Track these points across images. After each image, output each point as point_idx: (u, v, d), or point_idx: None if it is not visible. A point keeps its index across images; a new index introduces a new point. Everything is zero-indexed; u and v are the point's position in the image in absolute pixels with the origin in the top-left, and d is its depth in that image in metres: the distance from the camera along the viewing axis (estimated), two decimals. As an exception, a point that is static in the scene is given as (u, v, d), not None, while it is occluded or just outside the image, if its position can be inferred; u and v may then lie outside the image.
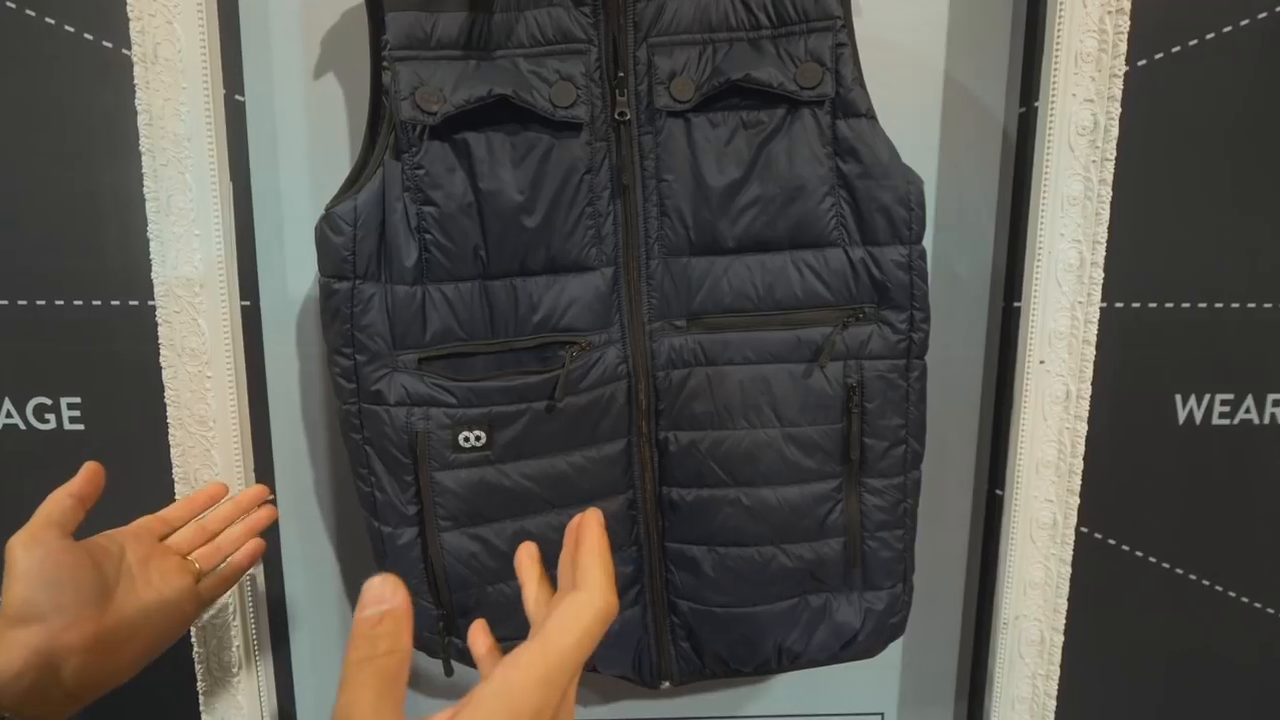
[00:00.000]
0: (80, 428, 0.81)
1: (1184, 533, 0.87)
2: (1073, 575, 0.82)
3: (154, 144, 0.72)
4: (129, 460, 0.82)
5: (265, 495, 0.74)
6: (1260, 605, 0.89)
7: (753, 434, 0.73)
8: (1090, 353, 0.77)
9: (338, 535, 0.88)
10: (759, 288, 0.72)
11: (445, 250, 0.69)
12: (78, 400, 0.81)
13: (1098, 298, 0.76)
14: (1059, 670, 0.84)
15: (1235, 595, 0.88)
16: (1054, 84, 0.73)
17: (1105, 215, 0.74)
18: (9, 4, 0.74)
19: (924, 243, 0.71)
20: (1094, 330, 0.76)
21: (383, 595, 0.38)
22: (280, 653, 0.90)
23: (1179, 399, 0.84)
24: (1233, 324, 0.82)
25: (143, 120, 0.72)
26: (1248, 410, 0.84)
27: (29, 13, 0.74)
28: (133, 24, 0.70)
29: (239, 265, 0.78)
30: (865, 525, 0.75)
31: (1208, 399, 0.84)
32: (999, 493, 0.86)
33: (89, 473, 0.61)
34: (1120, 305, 0.82)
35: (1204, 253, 0.81)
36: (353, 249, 0.67)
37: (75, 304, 0.79)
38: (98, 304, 0.79)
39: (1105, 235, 0.75)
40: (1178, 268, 0.81)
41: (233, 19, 0.76)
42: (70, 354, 0.80)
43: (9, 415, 0.81)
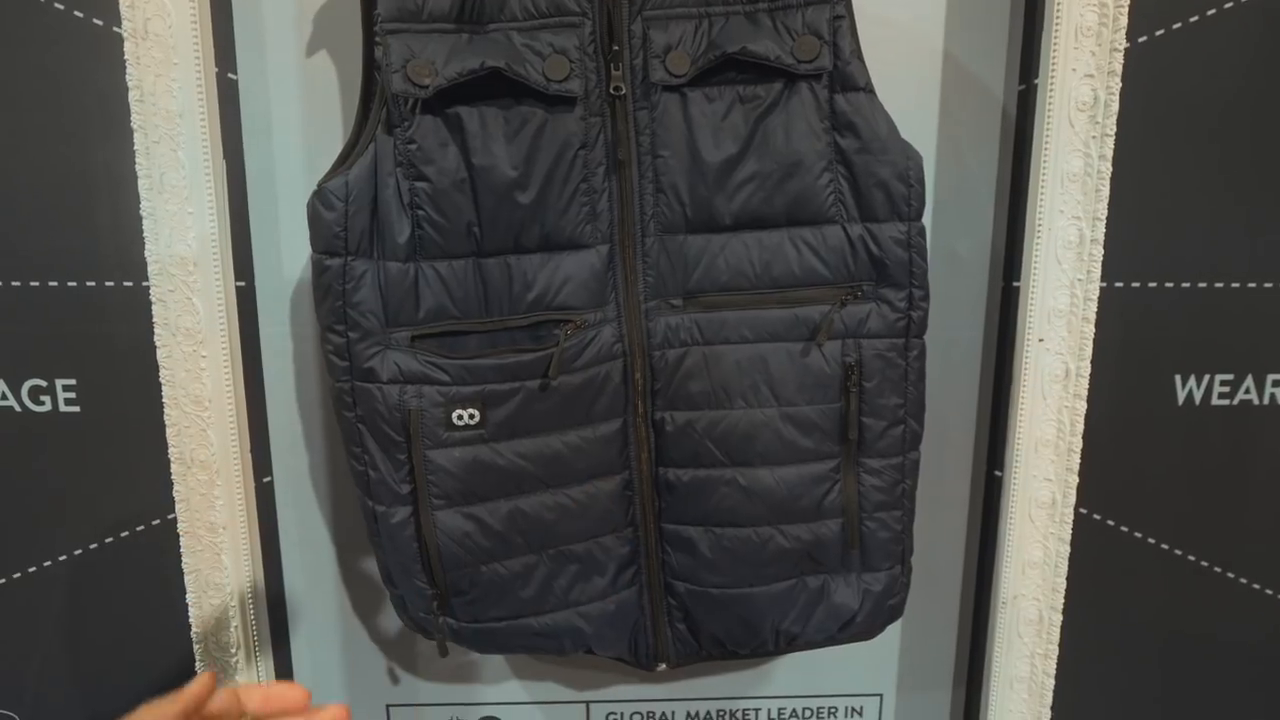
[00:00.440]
0: (75, 409, 0.81)
1: (1182, 513, 0.86)
2: (1071, 555, 0.82)
3: (146, 121, 0.72)
4: (125, 440, 0.82)
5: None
6: (1258, 586, 0.88)
7: (750, 414, 0.72)
8: (1090, 330, 0.76)
9: (334, 515, 0.87)
10: (756, 265, 0.71)
11: (438, 226, 0.68)
12: (73, 382, 0.81)
13: (1098, 275, 0.75)
14: (1057, 649, 0.84)
15: (1233, 576, 0.88)
16: (1054, 58, 0.72)
17: (1105, 192, 0.74)
18: (-3, -19, 0.73)
19: (923, 220, 0.70)
20: (1094, 308, 0.76)
21: None
22: (280, 651, 0.90)
23: (1179, 379, 0.84)
24: (1233, 304, 0.82)
25: (134, 97, 0.71)
26: (1247, 391, 0.84)
27: (17, -11, 0.73)
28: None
29: (233, 244, 0.77)
30: (863, 506, 0.75)
31: (1207, 379, 0.83)
32: (998, 473, 0.86)
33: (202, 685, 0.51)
34: (1120, 285, 0.81)
35: (1204, 232, 0.81)
36: (344, 225, 0.67)
37: (69, 285, 0.79)
38: (92, 285, 0.79)
39: (1105, 212, 0.74)
40: (1177, 247, 0.81)
41: (224, -7, 0.75)
42: (65, 335, 0.80)
43: (4, 397, 0.81)
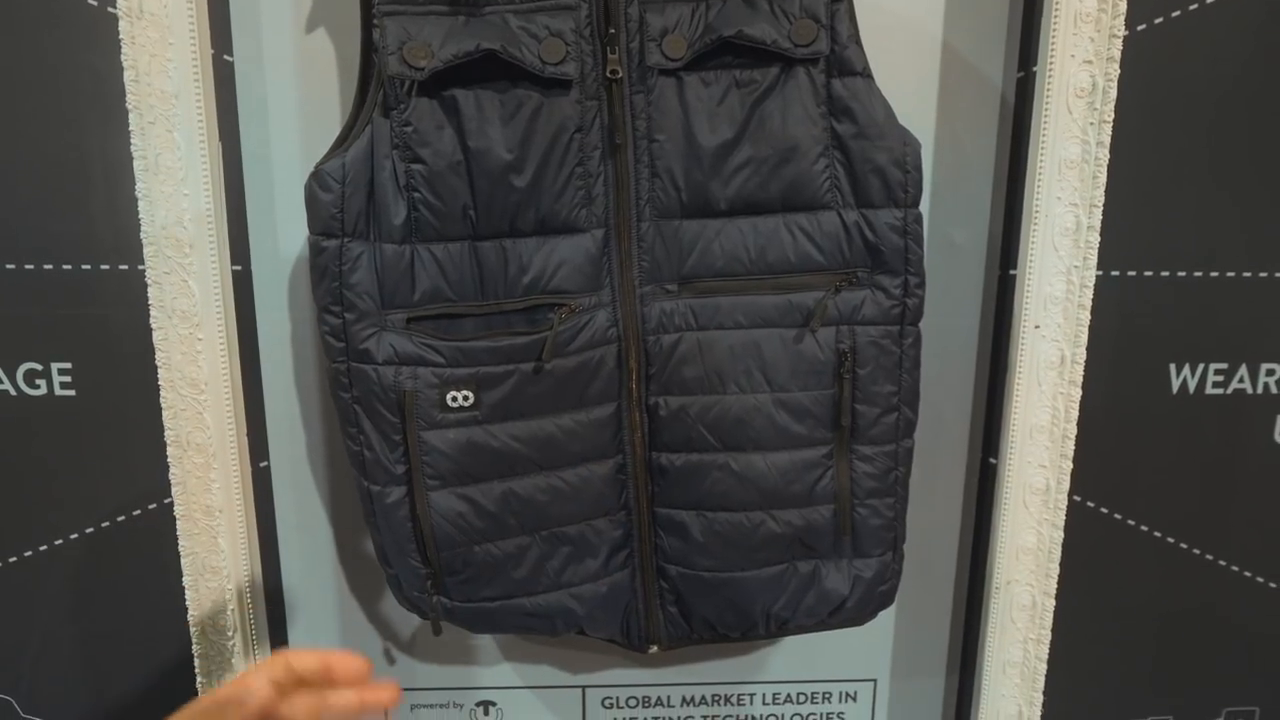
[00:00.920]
0: (71, 393, 0.81)
1: (1175, 500, 0.87)
2: (1065, 541, 0.82)
3: (141, 101, 0.72)
4: (121, 424, 0.82)
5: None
6: (1250, 574, 0.89)
7: (743, 399, 0.72)
8: (1085, 317, 0.76)
9: (331, 498, 0.88)
10: (751, 251, 0.71)
11: (434, 209, 0.68)
12: (68, 365, 0.81)
13: (1094, 262, 0.75)
14: (1050, 635, 0.84)
15: (1225, 563, 0.88)
16: (1053, 45, 0.71)
17: (1102, 179, 0.73)
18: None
19: (919, 207, 0.70)
20: (1089, 295, 0.76)
21: None
22: (277, 635, 0.91)
23: (1173, 368, 0.84)
24: (1229, 293, 0.82)
25: (129, 77, 0.71)
26: (1241, 380, 0.84)
27: (11, -31, 0.73)
28: (117, -22, 0.70)
29: (229, 226, 0.77)
30: (855, 492, 0.75)
31: (1201, 368, 0.84)
32: (992, 460, 0.86)
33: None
34: (1115, 274, 0.81)
35: (1201, 220, 0.80)
36: (341, 206, 0.67)
37: (64, 268, 0.79)
38: (87, 268, 0.79)
39: (1102, 199, 0.74)
40: (1174, 236, 0.81)
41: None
42: (60, 318, 0.80)
43: None
